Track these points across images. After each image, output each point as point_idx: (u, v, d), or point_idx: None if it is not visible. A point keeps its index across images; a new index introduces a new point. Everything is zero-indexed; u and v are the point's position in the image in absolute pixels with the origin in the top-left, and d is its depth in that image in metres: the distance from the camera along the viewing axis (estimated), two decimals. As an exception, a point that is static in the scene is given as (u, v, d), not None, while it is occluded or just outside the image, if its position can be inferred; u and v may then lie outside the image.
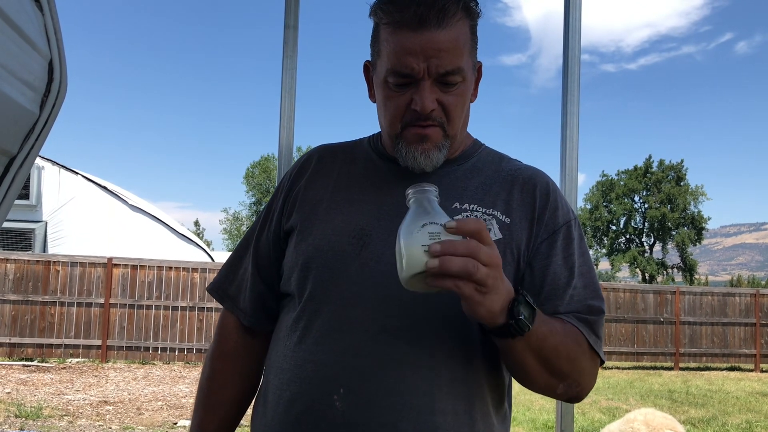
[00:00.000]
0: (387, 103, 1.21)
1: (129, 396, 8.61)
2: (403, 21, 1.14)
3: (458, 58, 1.16)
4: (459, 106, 1.20)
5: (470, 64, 1.21)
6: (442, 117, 1.18)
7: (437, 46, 1.13)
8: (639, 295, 13.85)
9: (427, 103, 1.15)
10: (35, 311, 11.24)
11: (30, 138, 0.91)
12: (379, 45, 1.21)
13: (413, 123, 1.18)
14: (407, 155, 1.21)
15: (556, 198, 1.26)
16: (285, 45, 2.25)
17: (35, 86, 0.89)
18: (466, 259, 0.91)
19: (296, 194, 1.33)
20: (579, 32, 2.12)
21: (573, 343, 1.14)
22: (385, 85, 1.20)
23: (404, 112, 1.18)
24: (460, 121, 1.23)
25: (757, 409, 9.68)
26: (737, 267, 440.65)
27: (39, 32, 0.89)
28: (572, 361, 1.15)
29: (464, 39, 1.18)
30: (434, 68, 1.14)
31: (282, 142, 2.24)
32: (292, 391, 1.17)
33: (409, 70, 1.14)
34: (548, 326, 1.09)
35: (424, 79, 1.15)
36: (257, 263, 1.36)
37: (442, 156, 1.22)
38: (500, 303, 0.99)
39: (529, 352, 1.08)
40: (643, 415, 4.22)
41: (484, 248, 0.93)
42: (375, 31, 1.24)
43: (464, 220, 0.95)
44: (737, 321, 14.06)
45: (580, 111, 2.13)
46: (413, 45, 1.13)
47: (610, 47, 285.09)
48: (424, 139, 1.19)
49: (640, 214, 52.36)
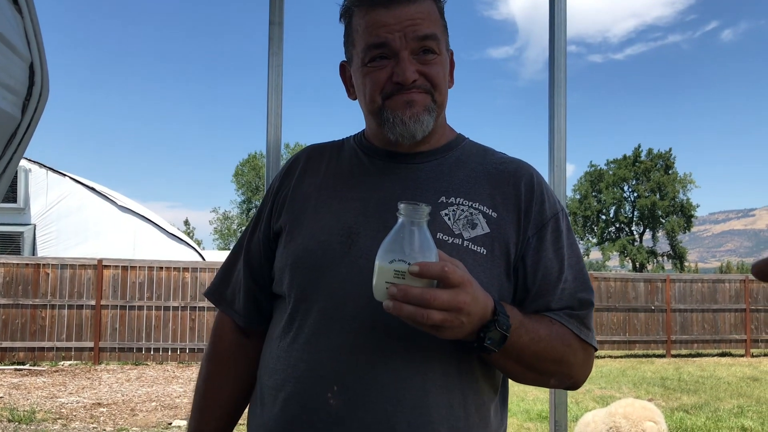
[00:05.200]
0: (366, 81, 1.21)
1: (123, 397, 8.58)
2: (374, 1, 1.18)
3: (432, 25, 1.19)
4: (441, 75, 1.22)
5: (444, 41, 1.24)
6: (427, 85, 1.20)
7: (410, 16, 1.17)
8: (630, 284, 13.91)
9: (409, 74, 1.16)
10: (26, 315, 11.17)
11: (12, 142, 0.90)
12: (352, 34, 1.24)
13: (396, 92, 1.19)
14: (395, 121, 1.20)
15: (543, 190, 1.26)
16: (270, 42, 2.24)
17: (16, 90, 0.88)
18: (416, 309, 0.95)
19: (285, 195, 1.33)
20: (565, 24, 2.13)
21: (560, 344, 1.15)
22: (363, 66, 1.21)
23: (384, 85, 1.19)
24: (446, 90, 1.24)
25: (748, 394, 9.75)
26: (726, 253, 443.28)
27: (19, 36, 0.88)
28: (558, 361, 1.17)
29: (435, 15, 1.21)
30: (411, 34, 1.16)
31: (270, 140, 2.23)
32: (286, 391, 1.17)
33: (384, 39, 1.17)
34: (530, 335, 1.11)
35: (402, 50, 1.17)
36: (249, 265, 1.36)
37: (432, 121, 1.22)
38: (464, 334, 1.03)
39: (508, 360, 1.12)
40: (623, 408, 4.27)
41: (442, 295, 0.96)
42: (347, 27, 1.26)
43: (428, 265, 0.95)
44: (727, 307, 14.15)
45: (568, 102, 2.14)
46: (387, 19, 1.17)
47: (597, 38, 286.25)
48: (412, 104, 1.19)
49: (629, 203, 52.56)
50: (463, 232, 1.17)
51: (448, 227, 1.18)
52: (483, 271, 1.15)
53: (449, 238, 1.16)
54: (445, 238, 1.16)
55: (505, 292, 1.18)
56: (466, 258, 1.10)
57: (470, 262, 1.10)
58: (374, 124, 1.26)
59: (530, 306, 1.19)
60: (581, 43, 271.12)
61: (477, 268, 1.13)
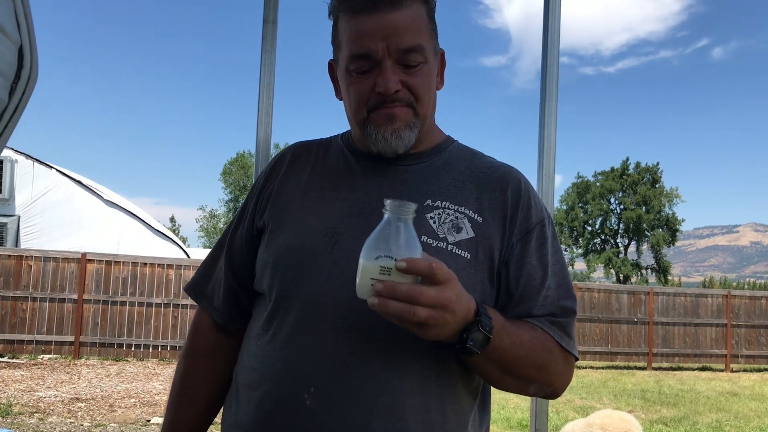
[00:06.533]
0: (350, 91, 1.21)
1: (102, 393, 8.51)
2: (357, 6, 1.15)
3: (417, 36, 1.16)
4: (425, 86, 1.20)
5: (431, 47, 1.21)
6: (409, 97, 1.18)
7: (393, 25, 1.14)
8: (613, 296, 13.98)
9: (390, 84, 1.15)
10: (6, 306, 11.06)
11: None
12: (338, 37, 1.22)
13: (379, 106, 1.18)
14: (377, 137, 1.20)
15: (529, 196, 1.26)
16: (264, 40, 2.23)
17: (4, 72, 0.87)
18: (402, 305, 0.94)
19: (269, 192, 1.32)
20: (558, 35, 2.14)
21: (541, 350, 1.15)
22: (347, 74, 1.20)
23: (368, 97, 1.18)
24: (430, 101, 1.22)
25: (726, 409, 9.82)
26: (709, 269, 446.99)
27: (9, 17, 0.87)
28: (539, 368, 1.16)
29: (421, 20, 1.18)
30: (394, 46, 1.14)
31: (259, 138, 2.22)
32: (262, 390, 1.16)
33: (367, 50, 1.15)
34: (511, 339, 1.10)
35: (384, 60, 1.15)
36: (231, 261, 1.35)
37: (413, 136, 1.21)
38: (447, 333, 1.01)
39: (488, 363, 1.11)
40: (601, 418, 4.29)
41: (428, 292, 0.95)
42: (334, 26, 1.24)
43: (414, 261, 0.95)
44: (709, 322, 14.26)
45: (558, 113, 2.15)
46: (369, 27, 1.14)
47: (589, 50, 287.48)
48: (393, 119, 1.18)
49: (615, 215, 52.88)
50: (447, 235, 1.17)
51: (433, 230, 1.17)
52: (467, 276, 1.14)
53: (433, 241, 1.16)
54: (430, 241, 1.15)
55: (488, 296, 1.18)
56: (449, 262, 1.09)
57: (454, 266, 1.09)
58: (359, 133, 1.26)
59: (512, 311, 1.18)
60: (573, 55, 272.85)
61: (460, 272, 1.12)
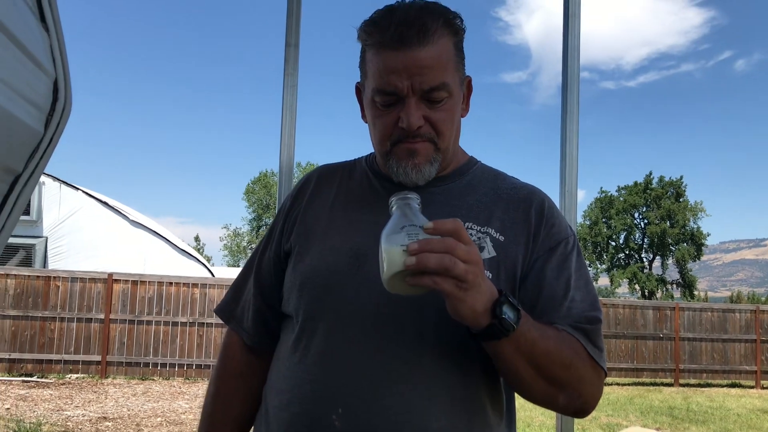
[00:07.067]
0: (376, 122, 1.23)
1: (128, 412, 8.57)
2: (384, 41, 1.16)
3: (442, 73, 1.17)
4: (447, 121, 1.21)
5: (457, 79, 1.22)
6: (431, 132, 1.20)
7: (419, 63, 1.15)
8: (638, 311, 13.82)
9: (413, 120, 1.17)
10: (35, 327, 11.20)
11: (35, 156, 0.92)
12: (365, 66, 1.24)
13: (402, 140, 1.20)
14: (398, 171, 1.22)
15: (553, 215, 1.27)
16: (286, 63, 2.27)
17: (40, 105, 0.90)
18: (442, 255, 0.93)
19: (296, 215, 1.34)
20: (578, 50, 2.15)
21: (568, 349, 1.12)
22: (372, 105, 1.22)
23: (392, 131, 1.20)
24: (451, 135, 1.24)
25: (758, 426, 9.62)
26: (737, 283, 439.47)
27: (45, 52, 0.91)
28: (568, 368, 1.12)
29: (448, 55, 1.19)
30: (418, 85, 1.16)
31: (282, 159, 2.25)
32: (291, 411, 1.18)
33: (393, 88, 1.16)
34: (539, 331, 1.08)
35: (409, 97, 1.16)
36: (259, 284, 1.37)
37: (434, 169, 1.23)
38: (482, 302, 0.99)
39: (519, 356, 1.07)
40: None
41: (462, 245, 0.95)
42: (362, 53, 1.26)
43: (442, 221, 0.97)
44: (737, 337, 14.01)
45: (580, 128, 2.15)
46: (396, 64, 1.15)
47: (610, 65, 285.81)
48: (414, 154, 1.20)
49: (639, 230, 52.37)
50: None
51: None
52: None
53: None
54: None
55: None
56: None
57: None
58: (382, 162, 1.29)
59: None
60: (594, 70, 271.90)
61: None
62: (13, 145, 0.86)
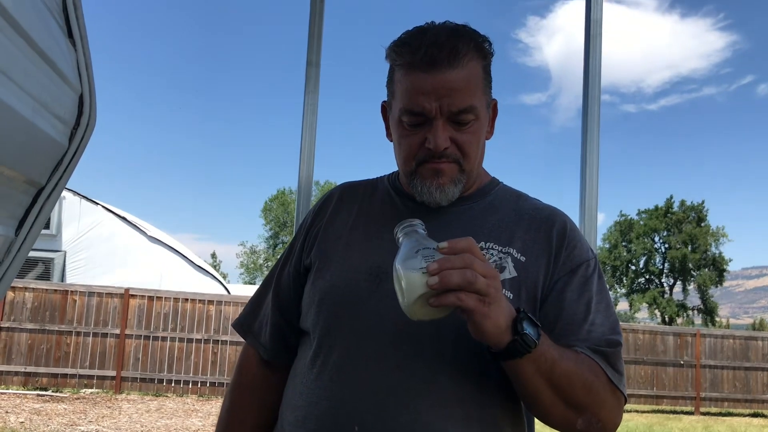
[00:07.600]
0: (402, 142, 1.24)
1: (142, 428, 8.57)
2: (414, 62, 1.17)
3: (470, 96, 1.18)
4: (474, 143, 1.22)
5: (484, 102, 1.23)
6: (457, 154, 1.20)
7: (448, 86, 1.15)
8: (659, 337, 13.64)
9: (440, 142, 1.17)
10: (51, 340, 11.27)
11: (58, 169, 0.92)
12: (393, 86, 1.25)
13: (428, 160, 1.20)
14: (422, 190, 1.23)
15: (574, 237, 1.26)
16: (307, 82, 2.29)
17: (65, 119, 0.91)
18: (464, 270, 0.94)
19: (317, 231, 1.35)
20: (599, 73, 2.14)
21: (588, 372, 1.11)
22: (399, 125, 1.23)
23: (418, 151, 1.21)
24: (476, 157, 1.25)
25: (780, 458, 9.42)
26: (759, 310, 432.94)
27: (71, 67, 0.92)
28: (588, 390, 1.11)
29: (476, 78, 1.20)
30: (446, 107, 1.16)
31: (302, 177, 2.27)
32: (307, 428, 1.17)
33: (421, 108, 1.17)
34: (559, 351, 1.08)
35: (436, 118, 1.17)
36: (278, 299, 1.37)
37: (458, 190, 1.24)
38: (504, 317, 1.00)
39: (539, 376, 1.06)
40: None
41: (477, 261, 0.96)
42: (390, 72, 1.27)
43: (455, 240, 0.98)
44: (761, 366, 13.77)
45: (600, 151, 2.14)
46: (425, 85, 1.16)
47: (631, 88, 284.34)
48: (439, 174, 1.21)
49: (660, 254, 51.85)
50: None
51: None
52: None
53: None
54: None
55: None
56: None
57: None
58: (405, 181, 1.30)
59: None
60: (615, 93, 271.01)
61: None
62: (38, 158, 0.86)
